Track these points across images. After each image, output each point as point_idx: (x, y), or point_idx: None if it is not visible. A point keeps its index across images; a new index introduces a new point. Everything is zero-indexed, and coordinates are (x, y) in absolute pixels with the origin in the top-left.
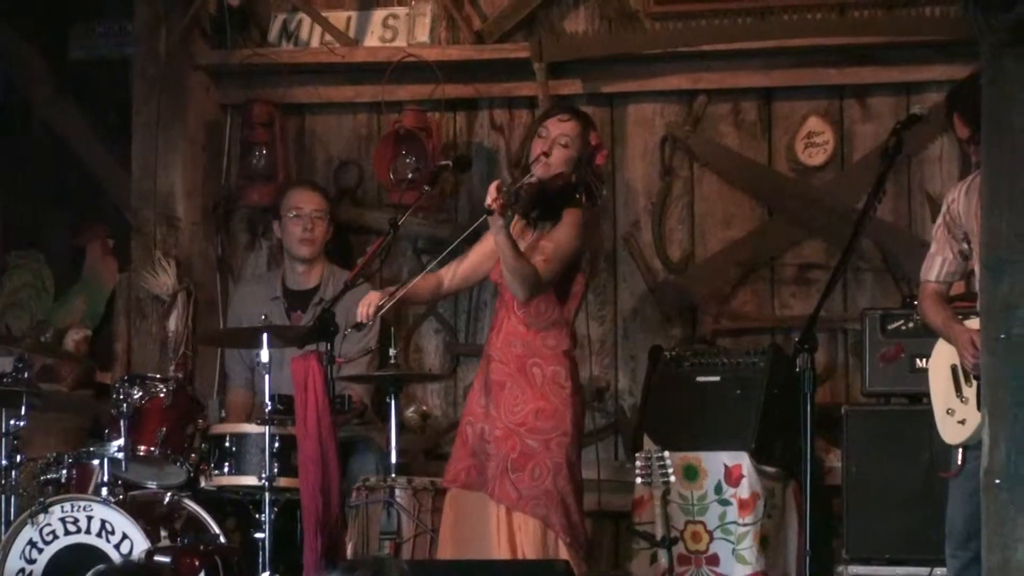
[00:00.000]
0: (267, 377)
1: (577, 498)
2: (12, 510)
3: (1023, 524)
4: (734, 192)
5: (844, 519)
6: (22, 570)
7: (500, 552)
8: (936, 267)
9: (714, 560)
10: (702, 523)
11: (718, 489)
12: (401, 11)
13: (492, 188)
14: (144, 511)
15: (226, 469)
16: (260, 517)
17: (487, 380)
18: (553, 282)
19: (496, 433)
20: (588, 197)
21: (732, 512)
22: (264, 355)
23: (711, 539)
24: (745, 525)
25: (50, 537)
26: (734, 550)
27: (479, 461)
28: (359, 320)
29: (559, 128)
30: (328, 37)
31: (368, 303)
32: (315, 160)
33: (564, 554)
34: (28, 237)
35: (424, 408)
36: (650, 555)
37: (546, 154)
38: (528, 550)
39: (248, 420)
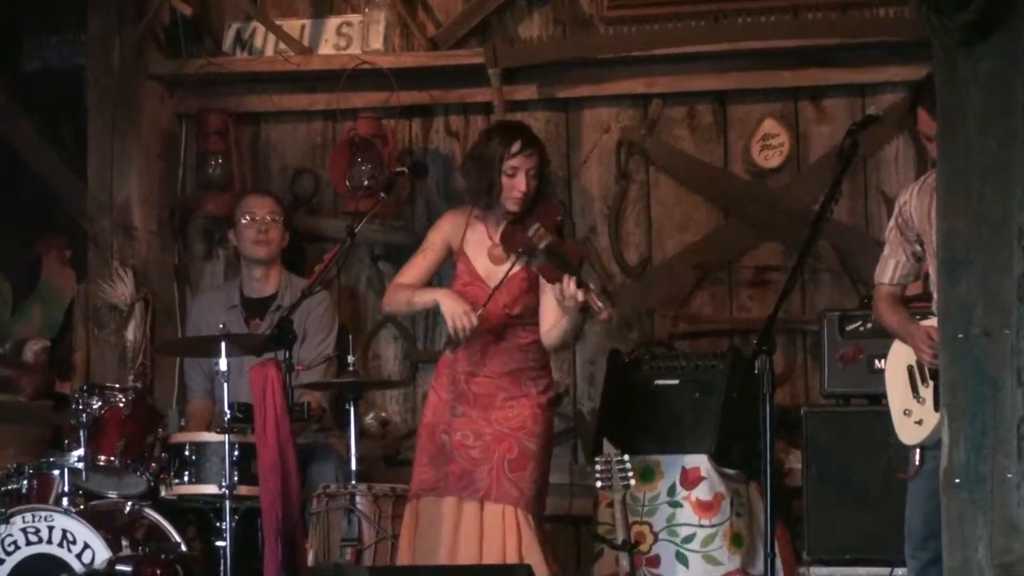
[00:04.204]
0: (226, 386)
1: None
2: None
3: (983, 524)
4: (690, 195)
5: (804, 520)
6: None
7: (478, 553)
8: (890, 270)
9: (654, 561)
10: (648, 524)
11: (671, 491)
12: (355, 19)
13: (598, 299)
14: (105, 521)
15: (186, 478)
16: (221, 525)
17: (465, 392)
18: None
19: (486, 439)
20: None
21: (683, 514)
22: (222, 364)
23: (655, 540)
24: (712, 526)
25: (11, 548)
26: (678, 551)
27: (460, 467)
28: (463, 339)
29: (527, 163)
30: (282, 46)
31: (468, 317)
32: (270, 169)
33: (547, 553)
34: None
35: (383, 415)
36: (600, 557)
37: (523, 191)
38: (532, 550)
39: (208, 429)
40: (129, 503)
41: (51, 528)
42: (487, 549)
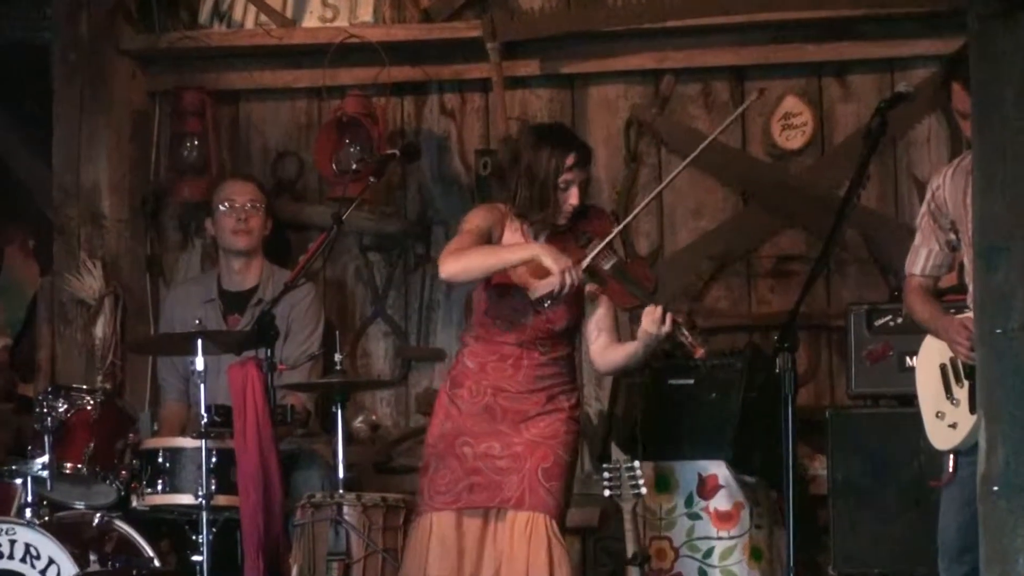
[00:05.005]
0: (202, 386)
1: None
2: None
3: None
4: (705, 179)
5: (830, 531)
6: None
7: (500, 569)
8: (921, 260)
9: None
10: (668, 539)
11: (689, 502)
12: None
13: (691, 335)
14: (72, 534)
15: (160, 487)
16: (197, 538)
17: (492, 406)
18: None
19: (515, 448)
20: None
21: (702, 527)
22: (199, 363)
23: (676, 556)
24: (731, 539)
25: None
26: (701, 568)
27: (483, 477)
28: (564, 289)
29: (581, 175)
30: (263, 18)
31: (574, 269)
32: (251, 151)
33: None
34: None
35: (373, 417)
36: (609, 573)
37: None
38: (562, 567)
39: (183, 434)
40: (98, 514)
41: (13, 542)
42: (509, 564)
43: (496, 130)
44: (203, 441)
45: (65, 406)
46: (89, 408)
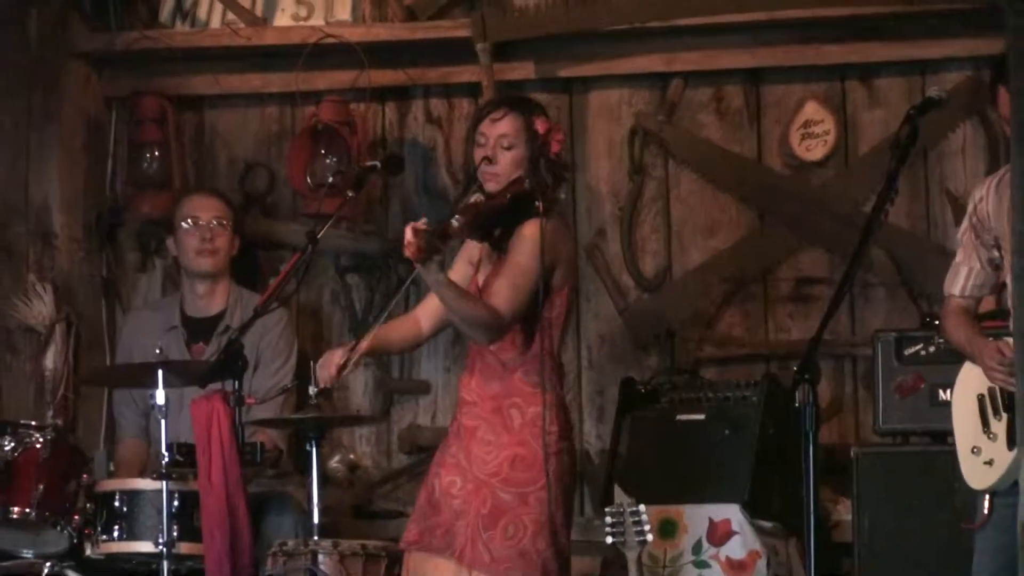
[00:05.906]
0: (163, 422)
1: (560, 564)
2: None
3: None
4: (718, 194)
5: None
6: None
7: None
8: (961, 279)
9: None
10: None
11: (696, 549)
12: None
13: (408, 232)
14: None
15: (116, 533)
16: None
17: (460, 426)
18: (522, 313)
19: (468, 487)
20: (547, 200)
21: None
22: (160, 396)
23: None
24: None
25: None
26: None
27: (445, 519)
28: (321, 386)
29: (496, 129)
30: (231, 16)
31: (330, 364)
32: (217, 163)
33: None
34: None
35: (352, 457)
36: None
37: (489, 159)
38: None
39: (142, 475)
40: (48, 564)
41: None
42: None
43: None
44: (164, 483)
45: (12, 444)
46: (38, 446)
